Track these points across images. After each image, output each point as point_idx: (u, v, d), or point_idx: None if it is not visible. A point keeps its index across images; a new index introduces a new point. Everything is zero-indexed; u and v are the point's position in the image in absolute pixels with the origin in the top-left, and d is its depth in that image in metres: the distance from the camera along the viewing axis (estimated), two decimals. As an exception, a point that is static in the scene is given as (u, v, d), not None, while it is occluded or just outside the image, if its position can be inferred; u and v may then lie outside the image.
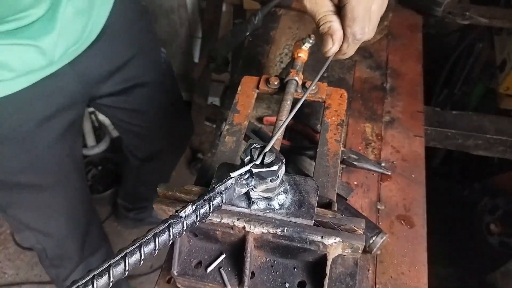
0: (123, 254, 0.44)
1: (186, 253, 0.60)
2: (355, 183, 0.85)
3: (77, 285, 0.42)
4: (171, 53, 2.48)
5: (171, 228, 0.47)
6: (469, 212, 1.77)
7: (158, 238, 0.46)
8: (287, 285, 0.57)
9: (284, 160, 0.52)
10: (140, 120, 1.32)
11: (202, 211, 0.49)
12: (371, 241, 0.72)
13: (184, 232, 0.49)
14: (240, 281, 0.56)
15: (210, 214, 0.50)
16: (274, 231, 0.55)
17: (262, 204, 0.56)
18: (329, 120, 0.76)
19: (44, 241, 1.29)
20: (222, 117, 0.96)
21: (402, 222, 0.80)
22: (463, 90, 1.72)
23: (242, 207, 0.57)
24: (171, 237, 0.47)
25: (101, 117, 2.25)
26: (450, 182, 1.95)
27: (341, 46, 0.63)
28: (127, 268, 0.44)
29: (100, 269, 0.43)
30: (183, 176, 2.33)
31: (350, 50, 0.64)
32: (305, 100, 0.82)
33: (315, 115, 0.97)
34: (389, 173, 0.87)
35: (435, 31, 1.38)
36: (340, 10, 0.61)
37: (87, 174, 2.18)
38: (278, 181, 0.53)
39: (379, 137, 0.94)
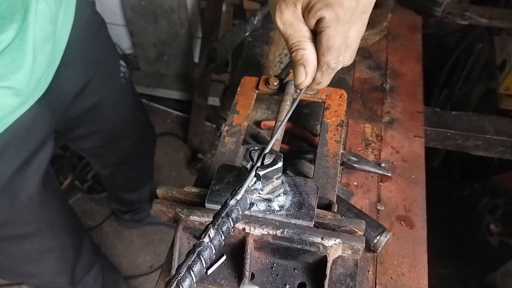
0: None
1: (186, 254, 0.60)
2: (355, 183, 0.85)
3: None
4: (171, 53, 2.48)
5: (201, 256, 0.45)
6: (469, 212, 1.77)
7: (192, 270, 0.44)
8: (287, 286, 0.57)
9: (281, 155, 0.52)
10: (103, 140, 1.30)
11: (224, 228, 0.48)
12: (375, 241, 0.72)
13: (214, 254, 0.47)
14: (240, 283, 0.56)
15: (232, 228, 0.49)
16: (274, 233, 0.55)
17: (262, 206, 0.56)
18: (329, 120, 0.76)
19: (34, 281, 1.27)
20: (218, 123, 0.95)
21: (402, 222, 0.80)
22: (463, 90, 1.72)
23: (242, 209, 0.57)
24: (205, 265, 0.45)
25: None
26: (450, 182, 1.95)
27: (315, 76, 0.57)
28: None
29: None
30: (183, 176, 2.33)
31: (324, 80, 0.58)
32: (304, 101, 0.82)
33: (314, 115, 0.97)
34: (389, 174, 0.86)
35: (435, 31, 1.38)
36: (315, 36, 0.55)
37: (87, 174, 2.18)
38: (281, 178, 0.53)
39: (379, 138, 0.94)
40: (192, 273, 0.44)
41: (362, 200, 0.83)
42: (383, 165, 0.89)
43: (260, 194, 0.54)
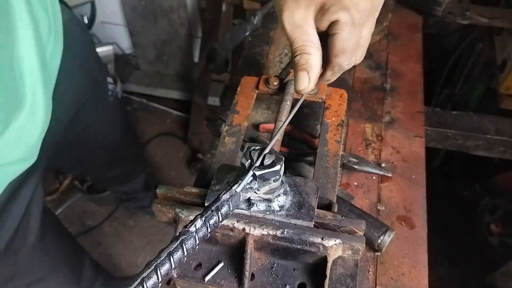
0: (140, 279, 0.43)
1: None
2: (355, 184, 0.85)
3: None
4: (171, 53, 2.48)
5: (184, 244, 0.46)
6: (470, 212, 1.77)
7: (172, 257, 0.45)
8: (287, 287, 0.57)
9: (283, 158, 0.52)
10: (90, 159, 1.32)
11: (211, 222, 0.48)
12: (379, 241, 0.72)
13: (197, 246, 0.47)
14: (240, 283, 0.56)
15: (220, 223, 0.49)
16: (274, 233, 0.55)
17: (262, 206, 0.56)
18: (329, 120, 0.76)
19: None
20: (216, 129, 0.94)
21: (403, 223, 0.80)
22: (463, 90, 1.72)
23: (242, 209, 0.56)
24: (186, 253, 0.46)
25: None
26: (450, 182, 1.95)
27: (325, 73, 0.56)
28: None
29: None
30: (182, 176, 2.33)
31: (333, 77, 0.57)
32: (304, 101, 0.82)
33: (314, 115, 0.97)
34: (390, 175, 0.86)
35: (436, 31, 1.38)
36: (326, 36, 0.53)
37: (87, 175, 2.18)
38: (280, 181, 0.53)
39: (379, 138, 0.94)
40: (172, 259, 0.44)
41: (363, 200, 0.83)
42: (383, 165, 0.88)
43: (257, 193, 0.54)
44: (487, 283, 1.54)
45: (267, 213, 0.56)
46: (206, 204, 0.57)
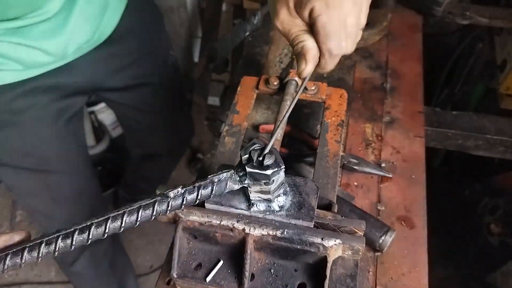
0: (106, 217, 0.49)
1: (185, 255, 0.60)
2: (355, 184, 0.85)
3: (60, 234, 0.48)
4: (171, 53, 2.48)
5: (156, 205, 0.50)
6: (470, 212, 1.76)
7: (142, 211, 0.49)
8: (287, 287, 0.57)
9: (283, 167, 0.52)
10: (143, 118, 1.34)
11: (189, 197, 0.51)
12: (380, 241, 0.72)
13: (167, 212, 0.51)
14: (240, 283, 0.56)
15: (197, 201, 0.52)
16: (274, 233, 0.55)
17: (262, 206, 0.56)
18: (329, 120, 0.76)
19: (46, 224, 1.30)
20: (217, 130, 0.95)
21: (403, 223, 0.80)
22: (463, 90, 1.71)
23: (241, 209, 0.56)
24: (154, 213, 0.50)
25: (101, 117, 2.25)
26: (451, 182, 1.95)
27: (319, 62, 0.59)
28: (106, 230, 0.48)
29: (82, 225, 0.49)
30: (182, 176, 2.33)
31: (329, 65, 0.60)
32: (305, 101, 0.82)
33: (314, 115, 0.97)
34: (390, 176, 0.86)
35: (435, 31, 1.37)
36: (312, 27, 0.57)
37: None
38: (273, 186, 0.53)
39: (379, 138, 0.94)
40: (140, 212, 0.50)
41: (363, 200, 0.83)
42: (383, 165, 0.88)
43: (250, 190, 0.54)
44: (487, 283, 1.54)
45: (267, 213, 0.56)
46: (206, 204, 0.58)
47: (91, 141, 2.21)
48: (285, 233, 0.54)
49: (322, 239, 0.54)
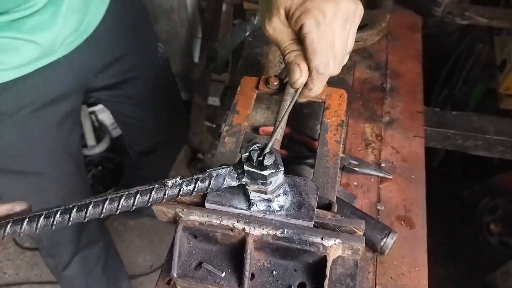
0: (104, 197, 0.50)
1: (185, 254, 0.60)
2: (355, 184, 0.85)
3: (59, 209, 0.50)
4: (171, 53, 2.48)
5: (153, 192, 0.51)
6: (469, 212, 1.77)
7: (139, 196, 0.51)
8: (287, 287, 0.57)
9: (282, 169, 0.52)
10: (136, 112, 1.35)
11: (186, 188, 0.53)
12: (382, 243, 0.72)
13: (163, 200, 0.52)
14: (240, 283, 0.56)
15: (194, 193, 0.53)
16: (274, 233, 0.55)
17: (262, 206, 0.56)
18: (329, 120, 0.76)
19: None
20: (217, 132, 0.95)
21: (402, 223, 0.80)
22: (463, 90, 1.72)
23: (241, 209, 0.57)
24: (151, 199, 0.51)
25: (101, 117, 2.25)
26: (450, 182, 1.95)
27: (307, 82, 0.58)
28: (103, 211, 0.51)
29: (81, 203, 0.50)
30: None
31: (316, 86, 0.58)
32: (304, 101, 0.82)
33: (314, 115, 0.97)
34: (391, 177, 0.86)
35: (435, 31, 1.38)
36: (301, 42, 0.56)
37: (87, 174, 2.18)
38: (270, 187, 0.53)
39: (379, 138, 0.94)
40: (137, 197, 0.51)
41: (362, 200, 0.83)
42: (383, 165, 0.88)
43: (248, 189, 0.55)
44: (487, 283, 1.55)
45: (267, 213, 0.56)
46: (206, 204, 0.58)
47: (91, 141, 2.22)
48: (285, 232, 0.54)
49: (321, 238, 0.54)
